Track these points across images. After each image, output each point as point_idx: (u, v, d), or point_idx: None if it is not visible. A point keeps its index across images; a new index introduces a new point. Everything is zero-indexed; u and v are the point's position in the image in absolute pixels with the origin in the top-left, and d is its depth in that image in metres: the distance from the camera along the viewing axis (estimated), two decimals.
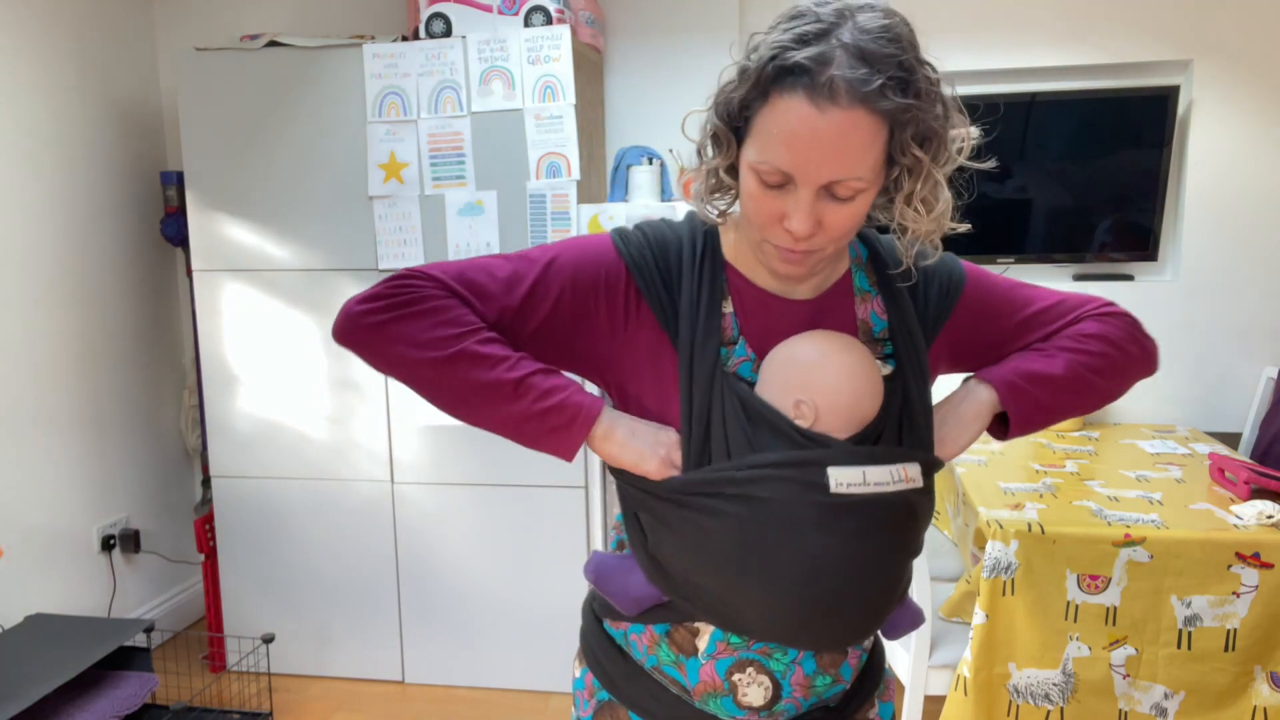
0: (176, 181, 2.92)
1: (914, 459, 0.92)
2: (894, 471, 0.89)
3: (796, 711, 0.97)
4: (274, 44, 2.58)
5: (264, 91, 2.59)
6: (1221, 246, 2.71)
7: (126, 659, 2.41)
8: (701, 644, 0.96)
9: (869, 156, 0.83)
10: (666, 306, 0.94)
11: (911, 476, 0.91)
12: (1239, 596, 1.76)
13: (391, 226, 2.57)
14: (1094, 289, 2.78)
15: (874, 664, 1.07)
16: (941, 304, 1.01)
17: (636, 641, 1.01)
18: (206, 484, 2.94)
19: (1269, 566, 1.74)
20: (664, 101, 2.83)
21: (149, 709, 2.41)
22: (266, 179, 2.62)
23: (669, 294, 0.94)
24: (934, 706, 2.04)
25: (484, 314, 0.92)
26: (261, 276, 2.67)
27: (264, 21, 2.98)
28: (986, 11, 2.72)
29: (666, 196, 2.64)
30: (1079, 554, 1.79)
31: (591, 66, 2.73)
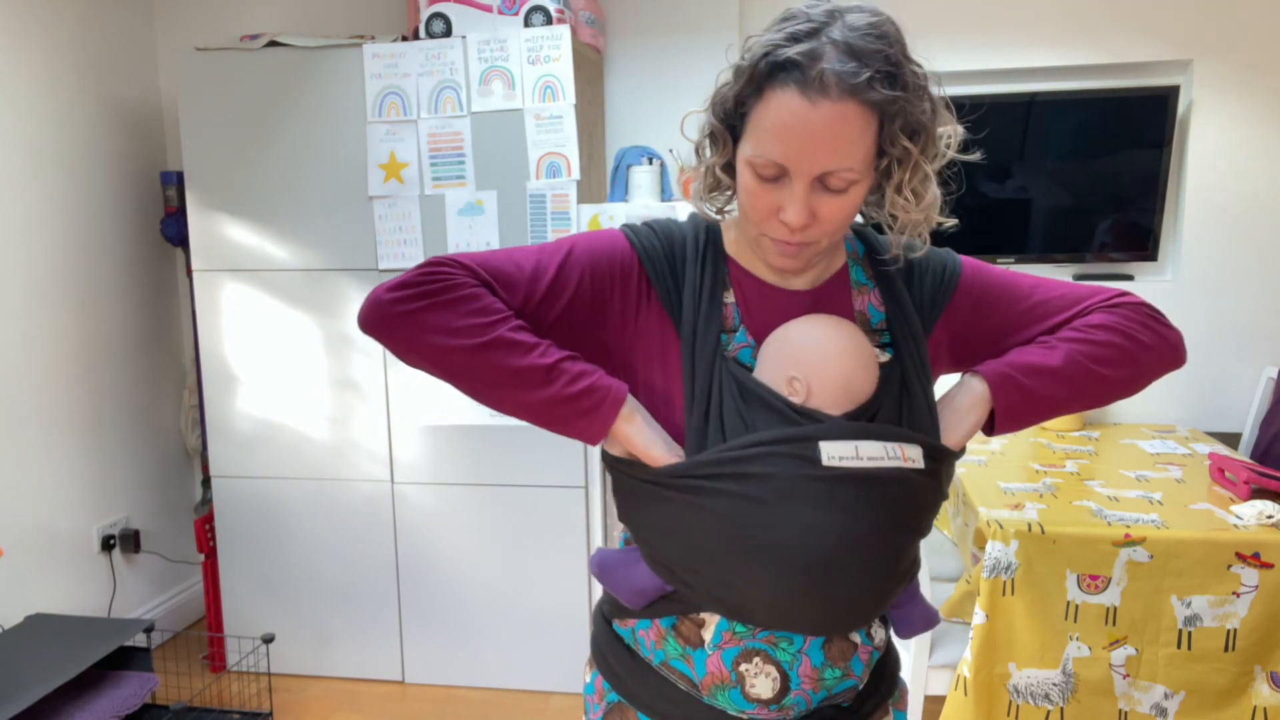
0: (176, 181, 2.92)
1: (914, 440, 0.92)
2: (890, 448, 0.89)
3: (807, 706, 0.96)
4: (274, 44, 2.58)
5: (264, 91, 2.59)
6: (1221, 246, 2.72)
7: (126, 659, 2.41)
8: (707, 635, 0.96)
9: (860, 148, 0.86)
10: (673, 294, 0.98)
11: (911, 457, 0.90)
12: (1239, 596, 1.76)
13: (391, 226, 2.57)
14: None
15: (888, 667, 1.06)
16: (937, 295, 1.02)
17: (644, 638, 1.01)
18: (206, 484, 2.95)
19: (1269, 566, 1.74)
20: (664, 101, 2.83)
21: (149, 709, 2.42)
22: (266, 179, 2.62)
23: (675, 283, 0.98)
24: (934, 706, 2.04)
25: (509, 302, 0.94)
26: (261, 276, 2.67)
27: (264, 21, 2.98)
28: (986, 11, 2.72)
29: (666, 196, 2.64)
30: (1079, 554, 1.79)
31: (591, 66, 2.73)
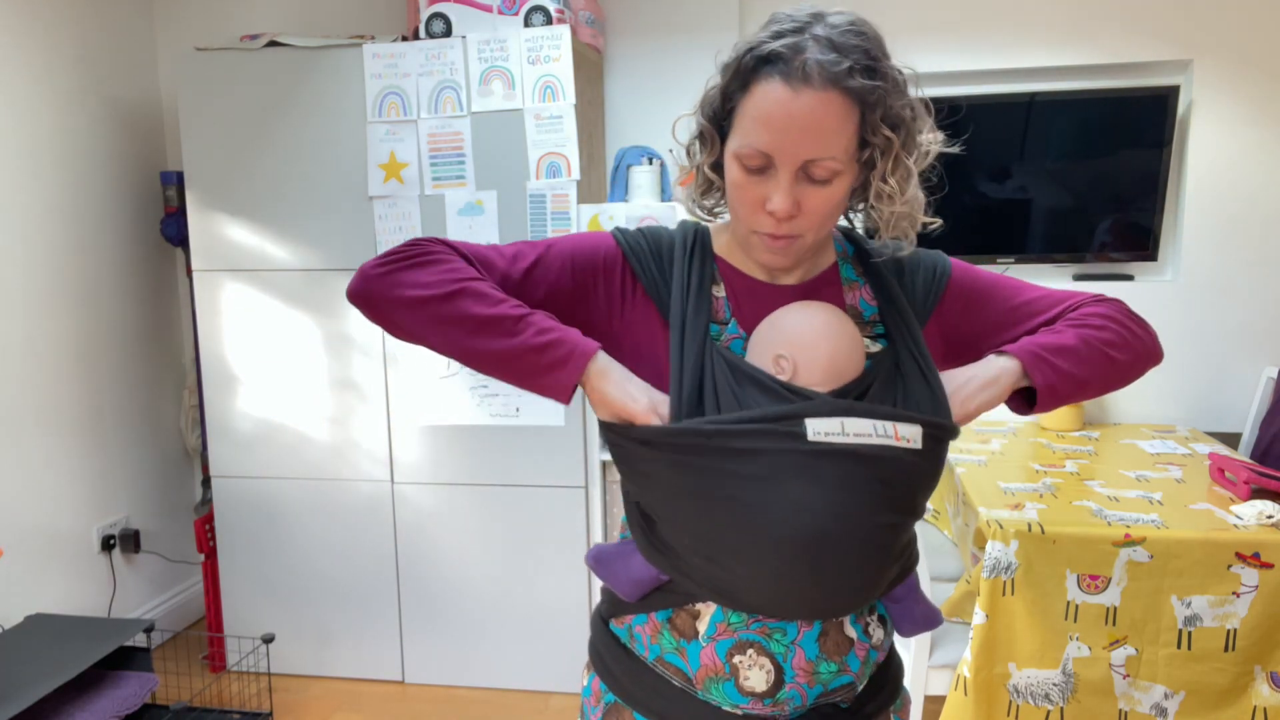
0: (176, 181, 2.92)
1: (911, 419, 0.91)
2: (880, 427, 0.89)
3: (802, 702, 0.96)
4: (274, 44, 2.58)
5: (264, 91, 2.59)
6: (1221, 246, 2.72)
7: (126, 659, 2.41)
8: (702, 626, 0.97)
9: (841, 137, 0.89)
10: (660, 286, 1.00)
11: (905, 436, 0.90)
12: (1239, 596, 1.76)
13: (391, 226, 2.57)
14: (1094, 289, 2.75)
15: (891, 672, 1.06)
16: (928, 292, 1.04)
17: (641, 634, 1.02)
18: (206, 484, 2.95)
19: (1269, 566, 1.74)
20: (664, 101, 2.83)
21: (149, 709, 2.42)
22: (266, 179, 2.62)
23: (662, 276, 1.01)
24: (934, 706, 2.04)
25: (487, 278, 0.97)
26: (261, 276, 2.67)
27: (264, 21, 2.98)
28: (987, 11, 2.72)
29: (666, 197, 2.64)
30: (1079, 554, 1.79)
31: (591, 66, 2.73)
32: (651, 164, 2.60)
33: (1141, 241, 2.74)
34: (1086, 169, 2.73)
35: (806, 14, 0.90)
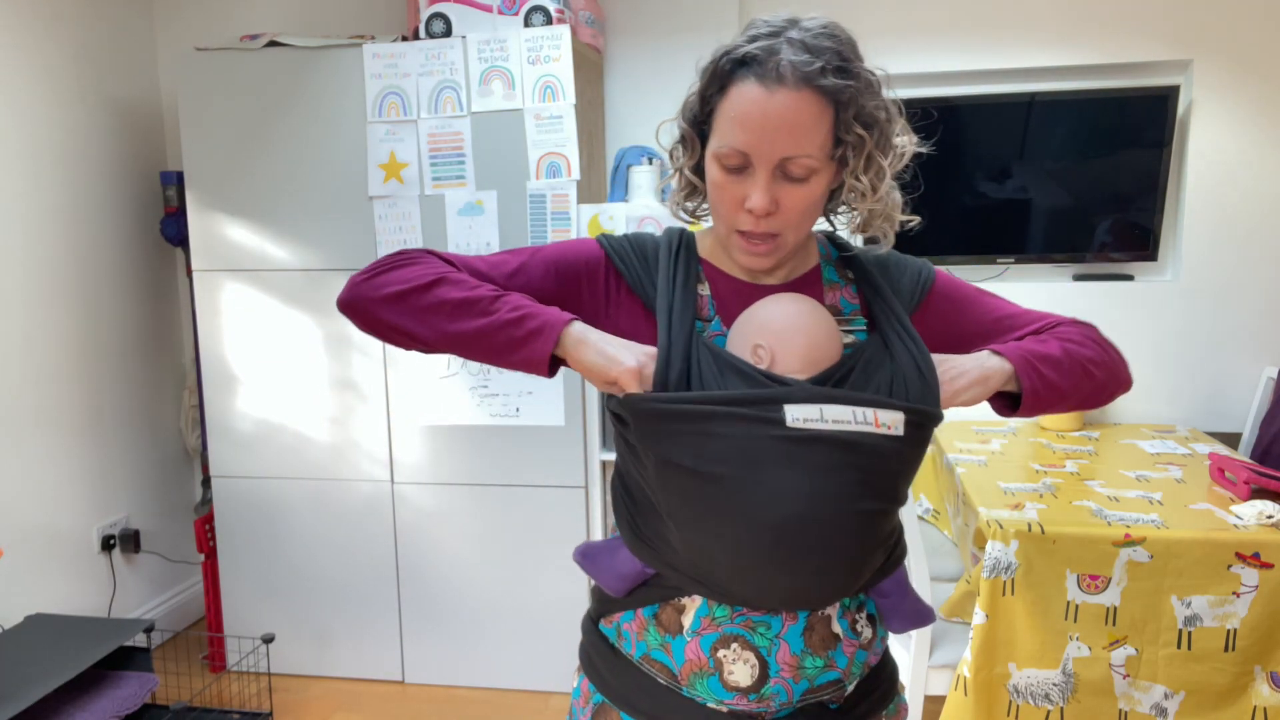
0: (176, 181, 2.92)
1: (892, 406, 0.92)
2: (859, 413, 0.91)
3: (788, 698, 0.96)
4: (274, 44, 2.58)
5: (264, 91, 2.59)
6: (1221, 246, 2.71)
7: (126, 659, 2.41)
8: (687, 621, 0.98)
9: (816, 134, 0.92)
10: (646, 285, 1.03)
11: (886, 423, 0.91)
12: (1239, 596, 1.76)
13: (391, 226, 2.57)
14: (1094, 289, 2.78)
15: (884, 675, 1.06)
16: (912, 294, 1.06)
17: (629, 631, 1.03)
18: (206, 484, 2.95)
19: (1269, 566, 1.74)
20: (664, 101, 2.83)
21: (149, 709, 2.42)
22: (266, 179, 2.62)
23: (648, 275, 1.04)
24: (934, 706, 2.04)
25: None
26: (261, 276, 2.67)
27: (264, 21, 2.98)
28: (986, 11, 2.72)
29: (666, 197, 2.63)
30: (1079, 554, 1.79)
31: (591, 66, 2.73)
32: (651, 164, 2.60)
33: (1141, 241, 2.74)
34: (1086, 169, 2.73)
35: (782, 19, 0.94)
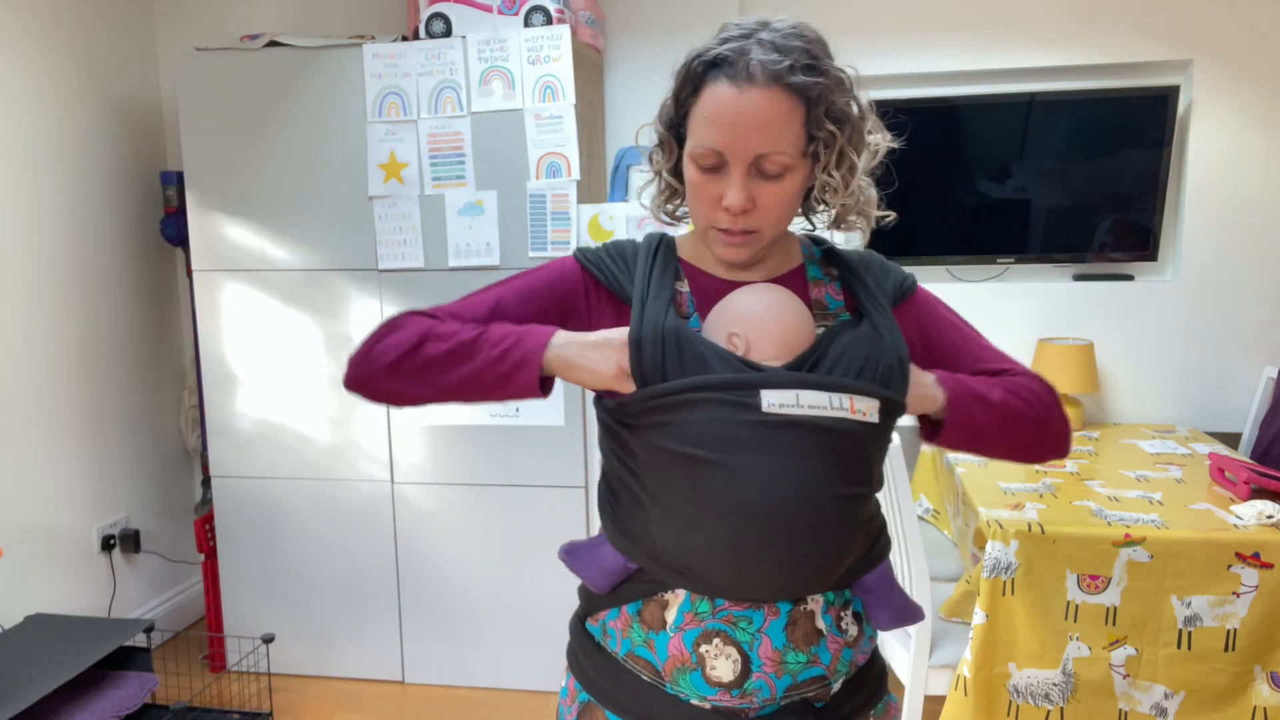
0: (176, 181, 2.92)
1: (868, 393, 0.94)
2: (835, 399, 0.92)
3: (771, 694, 0.96)
4: (274, 44, 2.58)
5: (264, 91, 2.59)
6: (1221, 246, 2.71)
7: (126, 659, 2.41)
8: (670, 616, 0.98)
9: (788, 132, 0.94)
10: (626, 284, 1.04)
11: (862, 410, 0.93)
12: (1239, 596, 1.76)
13: (391, 226, 2.57)
14: (1094, 289, 2.78)
15: (871, 674, 1.06)
16: (894, 295, 1.07)
17: (614, 629, 1.03)
18: (206, 484, 2.95)
19: (1269, 566, 1.74)
20: None
21: (149, 709, 2.42)
22: (266, 179, 2.62)
23: (627, 275, 1.05)
24: (934, 706, 2.04)
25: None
26: (261, 276, 2.67)
27: (264, 21, 2.98)
28: (986, 11, 2.72)
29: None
30: (1079, 554, 1.79)
31: (591, 66, 2.73)
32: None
33: (1141, 241, 2.74)
34: (1086, 169, 2.73)
35: (753, 22, 0.96)
